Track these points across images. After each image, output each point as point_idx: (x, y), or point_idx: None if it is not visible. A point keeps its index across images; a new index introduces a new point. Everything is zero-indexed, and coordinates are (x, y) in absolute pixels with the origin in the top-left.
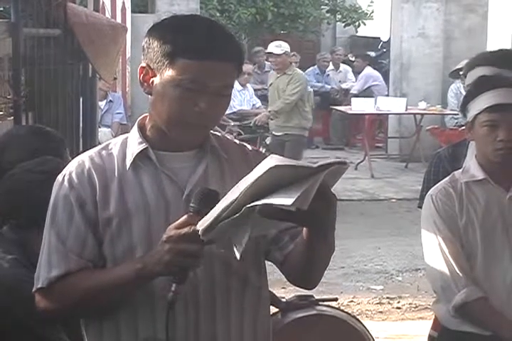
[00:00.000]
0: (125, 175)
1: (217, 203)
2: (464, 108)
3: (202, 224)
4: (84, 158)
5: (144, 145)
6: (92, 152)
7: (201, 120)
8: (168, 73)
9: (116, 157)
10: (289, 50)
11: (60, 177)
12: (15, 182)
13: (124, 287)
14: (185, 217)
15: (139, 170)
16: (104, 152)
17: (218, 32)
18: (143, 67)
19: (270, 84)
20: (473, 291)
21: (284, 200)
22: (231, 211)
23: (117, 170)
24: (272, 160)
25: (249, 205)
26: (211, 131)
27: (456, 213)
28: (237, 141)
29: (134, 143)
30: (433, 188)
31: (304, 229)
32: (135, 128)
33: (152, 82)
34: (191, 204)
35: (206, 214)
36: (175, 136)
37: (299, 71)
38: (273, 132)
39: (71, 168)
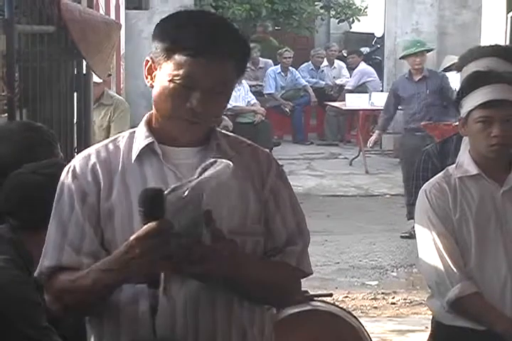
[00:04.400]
0: (129, 168)
1: (163, 202)
2: (457, 104)
3: None
4: (91, 152)
5: (150, 139)
6: (100, 145)
7: (193, 116)
8: (165, 68)
9: (123, 150)
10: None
11: (65, 169)
12: (19, 182)
13: (106, 288)
14: (145, 228)
15: (144, 164)
16: (111, 145)
17: (220, 29)
18: (147, 61)
19: None
20: (467, 286)
21: None
22: None
23: (122, 162)
24: None
25: None
26: (220, 130)
27: (450, 208)
28: (249, 142)
29: (140, 136)
30: (427, 183)
31: None
32: (143, 122)
33: (155, 75)
34: (139, 209)
35: (157, 217)
36: (171, 130)
37: (119, 97)
38: None
39: (76, 160)
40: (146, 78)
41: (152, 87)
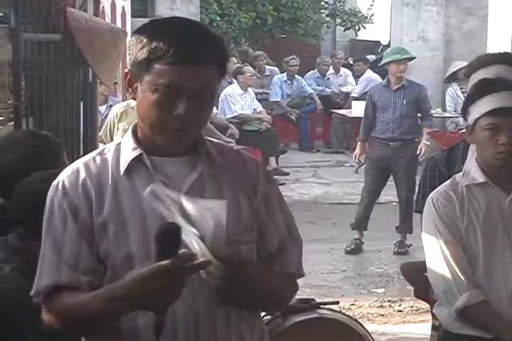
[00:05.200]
0: (119, 181)
1: (179, 240)
2: (464, 111)
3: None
4: (79, 166)
5: (138, 151)
6: (87, 158)
7: (181, 124)
8: (146, 79)
9: (111, 163)
10: None
11: (54, 184)
12: (28, 190)
13: (113, 314)
14: (153, 269)
15: (133, 176)
16: (98, 157)
17: (194, 35)
18: (126, 73)
19: (118, 119)
20: (474, 295)
21: None
22: None
23: (111, 175)
24: None
25: None
26: (207, 138)
27: (458, 216)
28: (236, 148)
29: (128, 148)
30: (434, 191)
31: None
32: (129, 133)
33: (136, 87)
34: (156, 246)
35: (171, 254)
36: (160, 141)
37: None
38: None
39: (65, 175)
40: (127, 91)
41: (134, 99)
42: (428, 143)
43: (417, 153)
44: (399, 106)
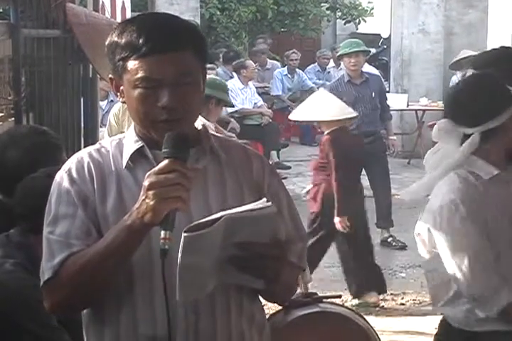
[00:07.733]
0: (122, 174)
1: (189, 146)
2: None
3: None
4: (83, 155)
5: (140, 144)
6: (91, 149)
7: (167, 115)
8: (125, 78)
9: (113, 156)
10: None
11: (60, 174)
12: (34, 186)
13: (122, 248)
14: (164, 162)
15: (136, 169)
16: (102, 149)
17: (161, 24)
18: (111, 79)
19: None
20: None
21: None
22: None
23: (114, 168)
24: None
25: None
26: (212, 133)
27: (481, 213)
28: (240, 143)
29: (130, 141)
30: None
31: None
32: (132, 127)
33: (122, 90)
34: (164, 150)
35: (182, 159)
36: (155, 136)
37: None
38: None
39: (71, 164)
40: (117, 96)
41: (124, 102)
42: (395, 138)
43: (391, 149)
44: (368, 100)
